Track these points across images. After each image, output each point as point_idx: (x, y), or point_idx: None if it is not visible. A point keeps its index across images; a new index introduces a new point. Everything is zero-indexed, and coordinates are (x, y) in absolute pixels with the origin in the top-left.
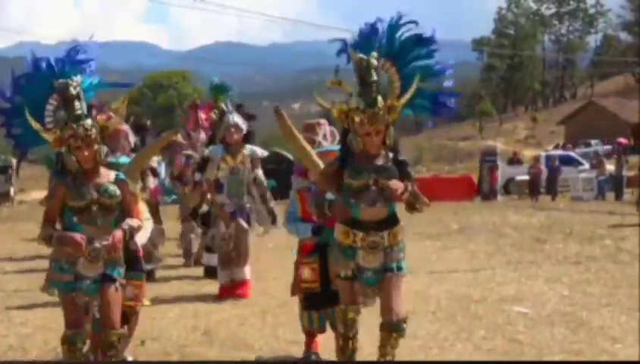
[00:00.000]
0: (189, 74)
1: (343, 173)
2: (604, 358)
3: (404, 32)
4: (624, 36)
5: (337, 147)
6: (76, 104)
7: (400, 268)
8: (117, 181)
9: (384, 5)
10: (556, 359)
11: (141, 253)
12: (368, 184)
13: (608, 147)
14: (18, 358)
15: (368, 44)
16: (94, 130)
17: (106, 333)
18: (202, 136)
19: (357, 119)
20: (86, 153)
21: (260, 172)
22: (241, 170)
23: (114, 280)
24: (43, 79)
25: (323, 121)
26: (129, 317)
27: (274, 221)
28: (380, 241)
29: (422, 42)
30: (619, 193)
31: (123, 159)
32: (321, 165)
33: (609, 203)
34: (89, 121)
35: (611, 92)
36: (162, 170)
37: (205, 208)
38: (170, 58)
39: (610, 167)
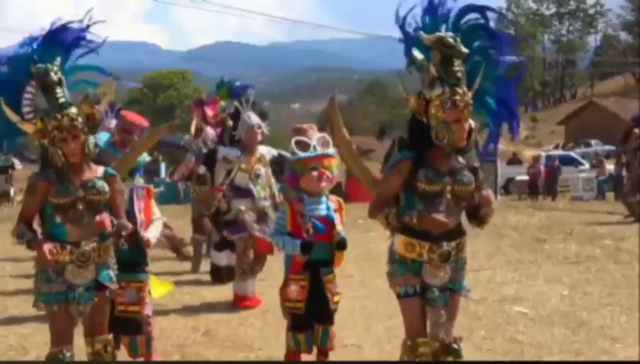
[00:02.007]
0: (189, 74)
1: (415, 175)
2: (604, 358)
3: (469, 20)
4: (624, 36)
5: (332, 151)
6: (58, 91)
7: (462, 288)
8: (107, 176)
9: (384, 5)
10: (556, 359)
11: (148, 250)
12: (444, 190)
13: (608, 147)
14: (18, 358)
15: (434, 28)
16: (80, 120)
17: (91, 341)
18: (211, 132)
19: (447, 103)
20: (73, 145)
21: (269, 172)
22: (263, 172)
23: (104, 287)
24: (20, 63)
25: (314, 127)
26: (141, 324)
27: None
28: (451, 253)
29: (488, 34)
30: (619, 193)
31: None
32: (370, 171)
33: (609, 203)
34: (73, 110)
35: (611, 92)
36: (163, 169)
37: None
38: (170, 58)
39: (610, 167)
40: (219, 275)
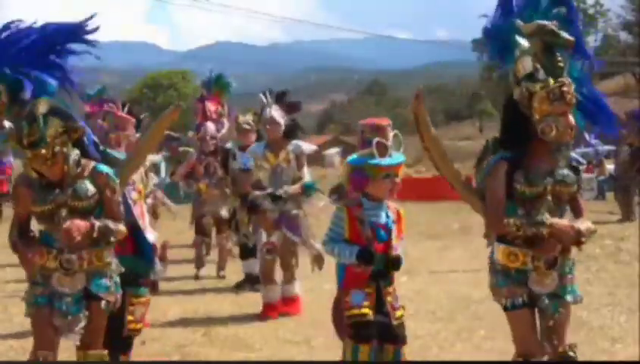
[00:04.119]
0: (189, 74)
1: (511, 176)
2: (604, 358)
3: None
4: (624, 36)
5: (402, 158)
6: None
7: (574, 293)
8: (95, 173)
9: (384, 5)
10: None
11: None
12: (545, 192)
13: (608, 147)
14: (18, 358)
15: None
16: (54, 147)
17: (83, 355)
18: (212, 128)
19: (553, 95)
20: (54, 169)
21: (305, 171)
22: (285, 169)
23: (98, 298)
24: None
25: (387, 123)
26: (132, 341)
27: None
28: (557, 258)
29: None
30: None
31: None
32: (459, 172)
33: (609, 203)
34: (45, 141)
35: (611, 92)
36: (162, 168)
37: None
38: (170, 58)
39: (609, 167)
40: (254, 282)
